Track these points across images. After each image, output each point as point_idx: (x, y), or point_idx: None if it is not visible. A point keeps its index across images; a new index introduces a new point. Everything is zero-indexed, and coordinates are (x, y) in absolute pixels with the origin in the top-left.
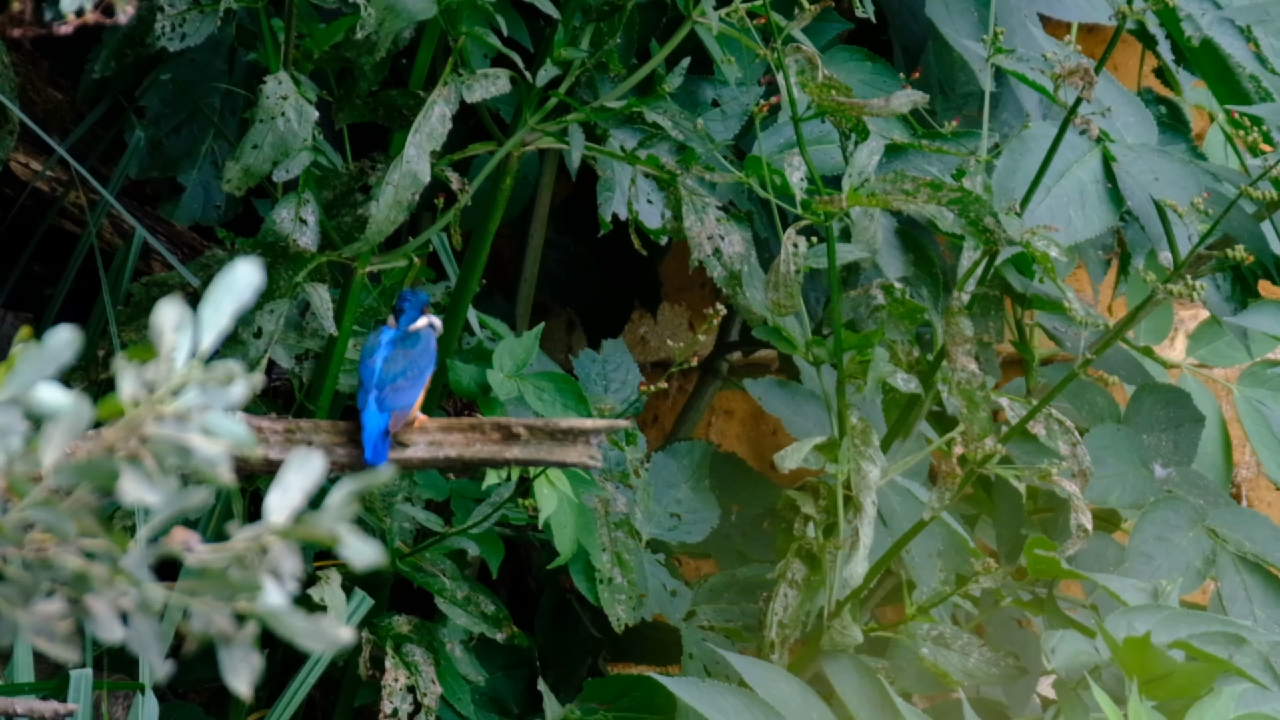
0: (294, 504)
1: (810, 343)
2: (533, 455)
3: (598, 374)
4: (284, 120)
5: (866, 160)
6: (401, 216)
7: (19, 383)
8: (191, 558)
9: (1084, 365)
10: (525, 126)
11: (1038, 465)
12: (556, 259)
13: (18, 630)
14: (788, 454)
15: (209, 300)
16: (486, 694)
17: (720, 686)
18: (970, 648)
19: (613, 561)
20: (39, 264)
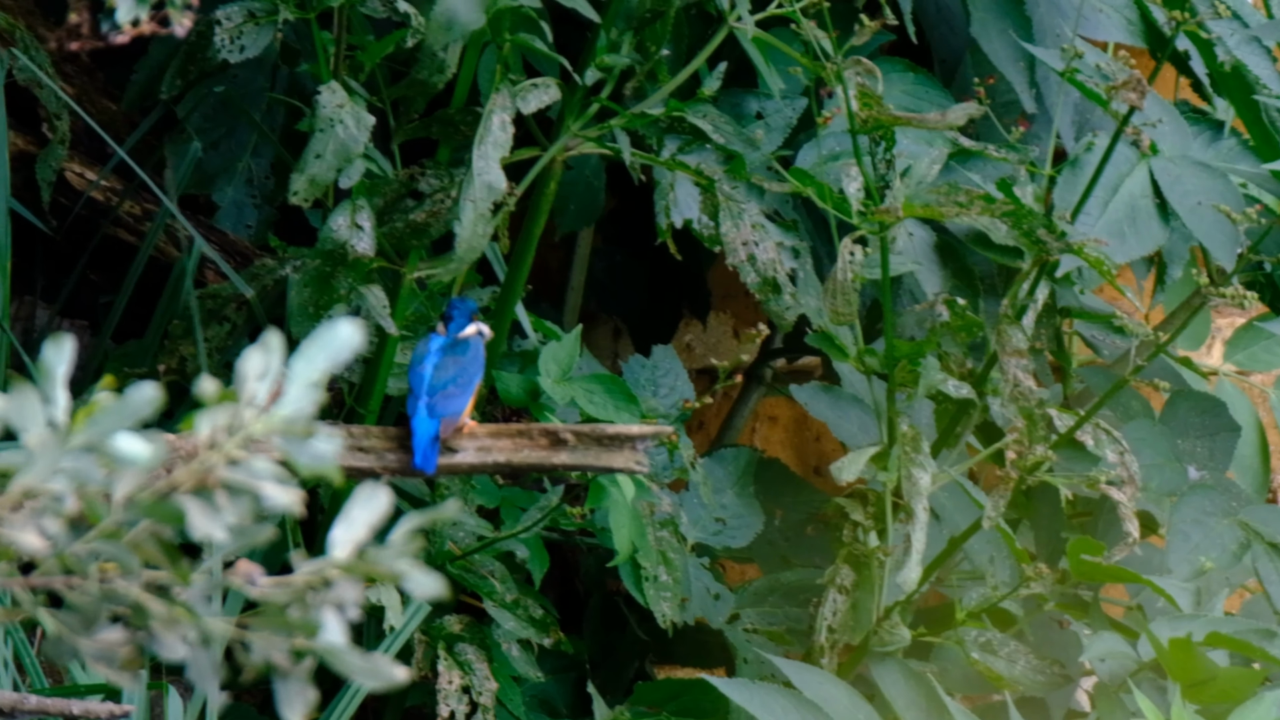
0: (358, 538)
1: (862, 351)
2: (580, 461)
3: (647, 379)
4: (343, 127)
5: (926, 170)
6: (487, 229)
7: (97, 431)
8: (254, 591)
9: (1134, 373)
10: (568, 132)
11: (1085, 473)
12: (603, 267)
13: (77, 654)
14: (844, 465)
15: (303, 352)
16: (536, 696)
17: (770, 688)
18: (1017, 655)
19: (658, 560)
20: (94, 272)
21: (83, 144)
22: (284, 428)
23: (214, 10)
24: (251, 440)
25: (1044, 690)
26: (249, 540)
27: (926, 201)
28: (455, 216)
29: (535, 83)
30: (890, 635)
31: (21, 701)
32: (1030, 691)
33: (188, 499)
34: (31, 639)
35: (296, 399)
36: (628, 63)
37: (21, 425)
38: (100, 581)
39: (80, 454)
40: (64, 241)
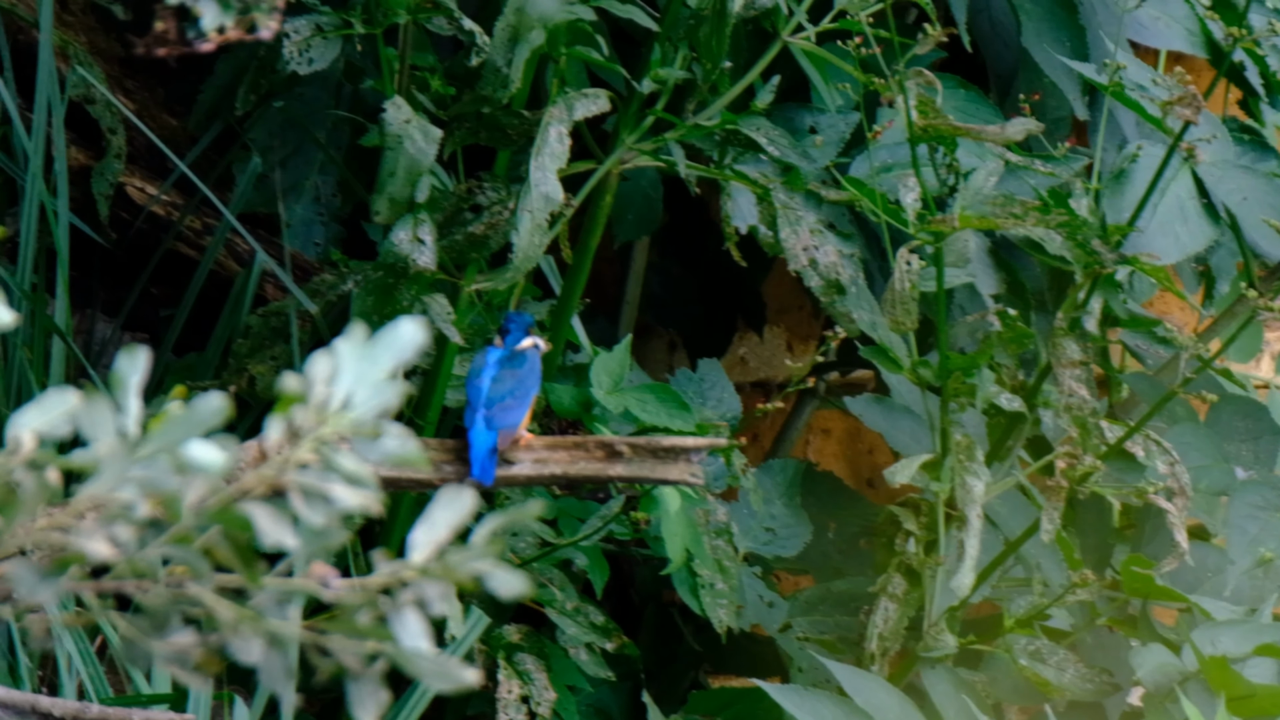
0: (440, 540)
1: (915, 363)
2: (635, 473)
3: (694, 392)
4: (411, 142)
5: (984, 182)
6: (543, 239)
7: (166, 440)
8: (328, 594)
9: (1183, 385)
10: (623, 145)
11: (1134, 483)
12: (659, 281)
13: (150, 658)
14: (897, 469)
15: (366, 353)
16: (592, 705)
17: (821, 695)
18: (1066, 663)
19: (714, 568)
20: (155, 286)
21: (144, 159)
22: (353, 429)
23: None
24: (322, 442)
25: (1093, 698)
26: (323, 543)
27: (983, 212)
28: (513, 227)
29: (585, 93)
30: (935, 641)
31: (83, 710)
32: (1079, 698)
33: (255, 505)
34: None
35: (365, 399)
36: (682, 75)
37: (92, 434)
38: (171, 585)
39: (151, 462)
40: (125, 255)
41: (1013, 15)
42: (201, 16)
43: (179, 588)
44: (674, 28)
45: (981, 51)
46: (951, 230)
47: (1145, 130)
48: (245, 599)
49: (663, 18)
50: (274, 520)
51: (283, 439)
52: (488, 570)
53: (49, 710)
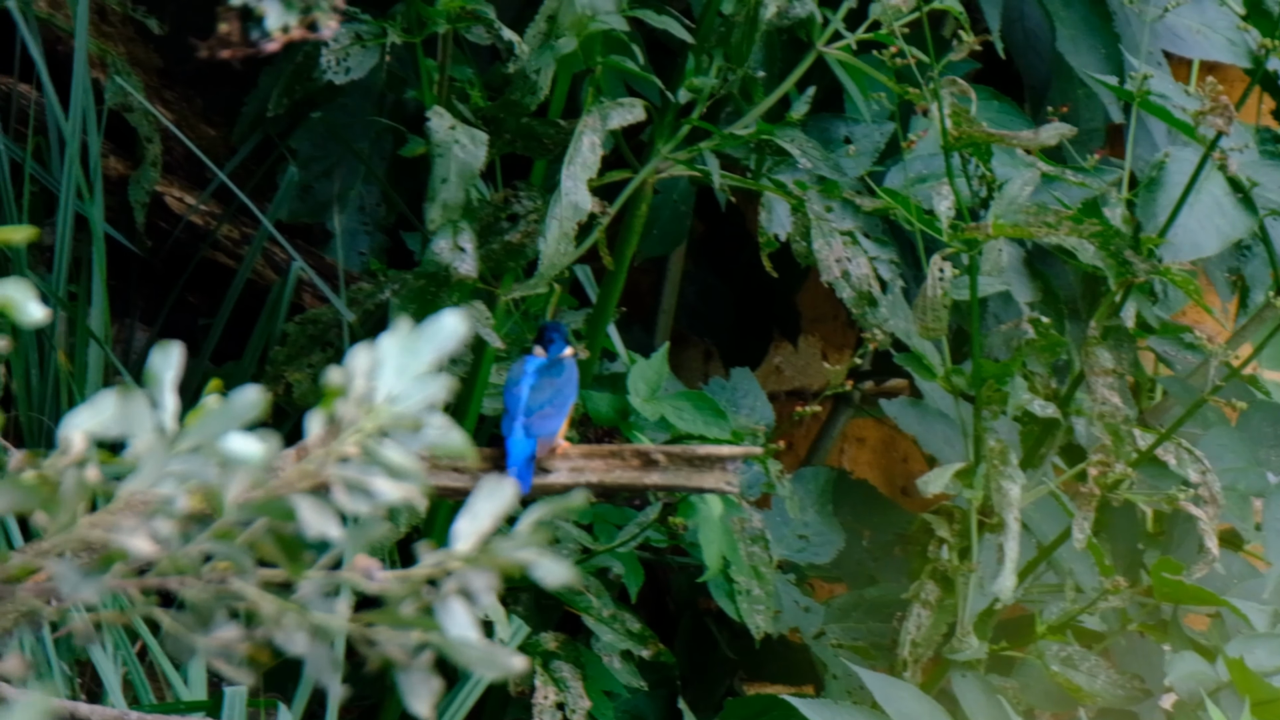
0: (483, 529)
1: (949, 370)
2: (671, 481)
3: (727, 401)
4: (460, 148)
5: (1019, 191)
6: (569, 247)
7: (204, 433)
8: (372, 585)
9: (1212, 393)
10: (658, 154)
11: (1166, 489)
12: (694, 291)
13: (195, 652)
14: (930, 479)
15: (407, 345)
16: (629, 712)
17: (850, 708)
18: (1098, 669)
19: (751, 575)
20: (193, 295)
21: (182, 169)
22: (395, 421)
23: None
24: (365, 435)
25: (1124, 704)
26: (367, 537)
27: (1017, 221)
28: (541, 234)
29: (621, 102)
30: (961, 644)
31: (122, 718)
32: (1111, 705)
33: (298, 497)
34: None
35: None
36: (716, 85)
37: (131, 431)
38: (215, 581)
39: (189, 457)
40: (163, 265)
41: (1047, 27)
42: (265, 16)
43: (222, 583)
44: (708, 37)
45: (1015, 63)
46: (986, 238)
47: (1178, 138)
48: (290, 592)
49: (698, 27)
50: (318, 511)
51: (325, 434)
52: (533, 559)
53: (88, 717)
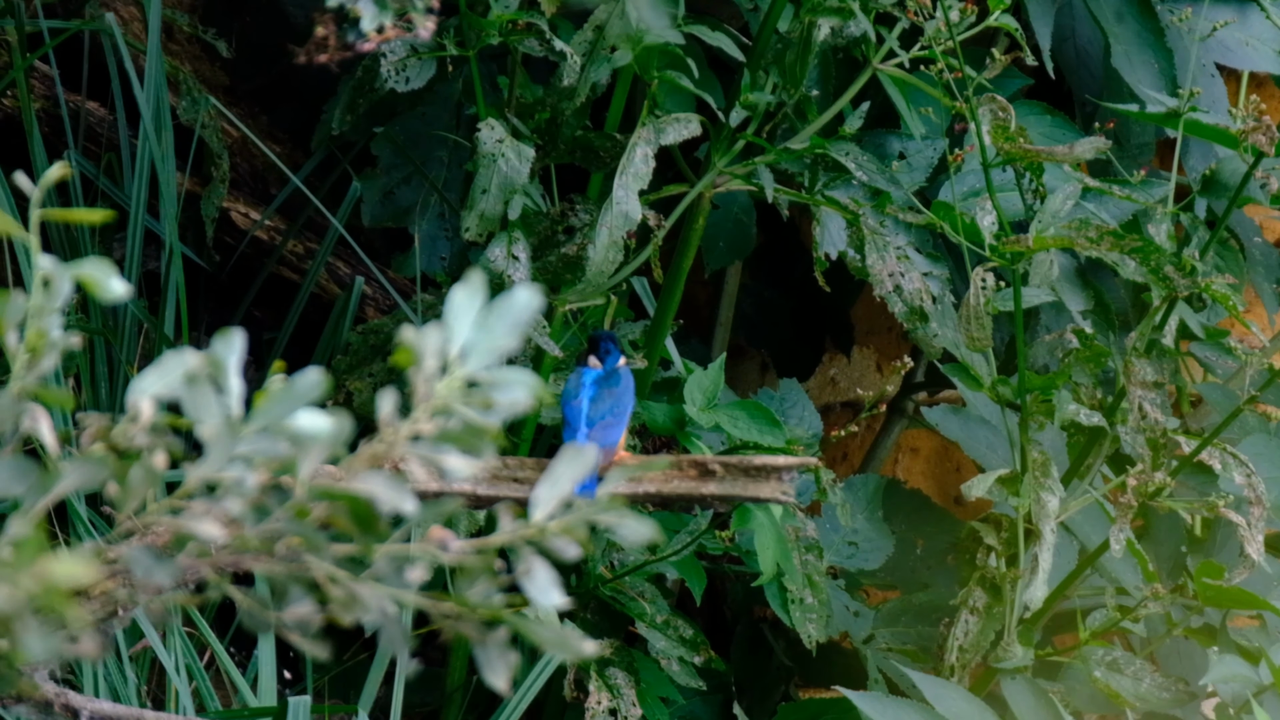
0: (563, 494)
1: (996, 381)
2: (728, 491)
3: (775, 411)
4: (504, 161)
5: (1060, 205)
6: (618, 256)
7: (272, 414)
8: (447, 557)
9: (1250, 402)
10: (715, 169)
11: (1206, 498)
12: (751, 303)
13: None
14: (974, 484)
15: (477, 321)
16: (685, 717)
17: (902, 703)
18: (1142, 673)
19: (804, 583)
20: (259, 309)
21: (247, 185)
22: (463, 398)
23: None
24: (435, 411)
25: (1169, 707)
26: (438, 513)
27: (1059, 235)
28: (590, 241)
29: (677, 117)
30: (1006, 653)
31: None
32: (1155, 709)
33: (373, 475)
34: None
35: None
36: (772, 101)
37: (197, 416)
38: (288, 558)
39: (257, 437)
40: (229, 279)
41: (1099, 44)
42: (361, 17)
43: (296, 560)
44: (764, 54)
45: (1067, 79)
46: (1028, 252)
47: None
48: (364, 565)
49: (754, 45)
50: (393, 488)
51: (393, 411)
52: (615, 520)
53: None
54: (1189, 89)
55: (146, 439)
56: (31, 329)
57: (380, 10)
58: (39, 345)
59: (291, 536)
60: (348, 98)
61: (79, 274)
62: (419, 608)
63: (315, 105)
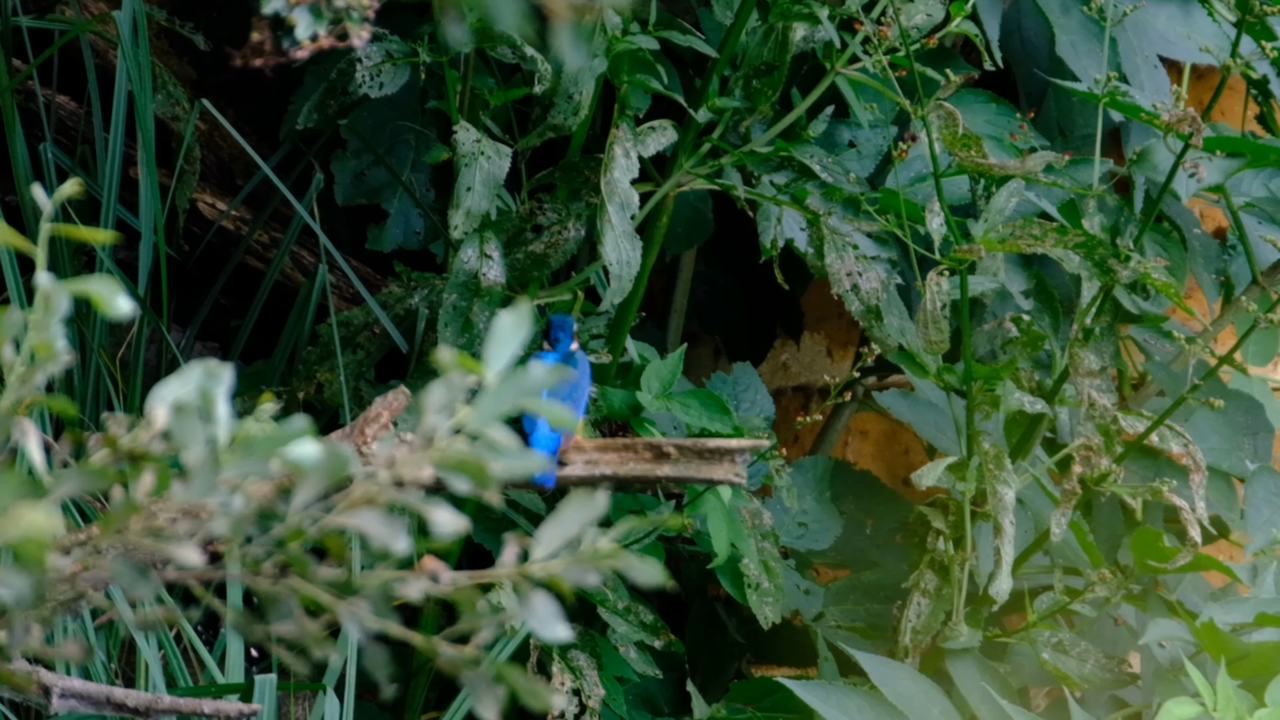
0: (569, 534)
1: (941, 369)
2: (682, 473)
3: (728, 395)
4: (486, 159)
5: (1005, 202)
6: (635, 244)
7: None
8: (437, 589)
9: (1192, 391)
10: (681, 169)
11: (1150, 481)
12: (705, 290)
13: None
14: (924, 473)
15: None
16: (639, 694)
17: (845, 689)
18: (1087, 654)
19: (761, 569)
20: (226, 298)
21: (214, 176)
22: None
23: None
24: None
25: (1111, 688)
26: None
27: (1004, 235)
28: (573, 248)
29: (653, 126)
30: (954, 632)
31: (155, 701)
32: (1101, 689)
33: (362, 515)
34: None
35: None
36: (739, 105)
37: (183, 442)
38: (276, 577)
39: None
40: (196, 268)
41: (1044, 37)
42: (296, 26)
43: (284, 579)
44: (730, 59)
45: (1013, 71)
46: (977, 258)
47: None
48: (349, 591)
49: (721, 48)
50: (385, 525)
51: (390, 456)
52: (623, 565)
53: (123, 701)
54: (1135, 77)
55: (161, 445)
56: (35, 340)
57: (315, 19)
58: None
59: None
60: (318, 98)
61: (86, 290)
62: (400, 638)
63: (280, 99)
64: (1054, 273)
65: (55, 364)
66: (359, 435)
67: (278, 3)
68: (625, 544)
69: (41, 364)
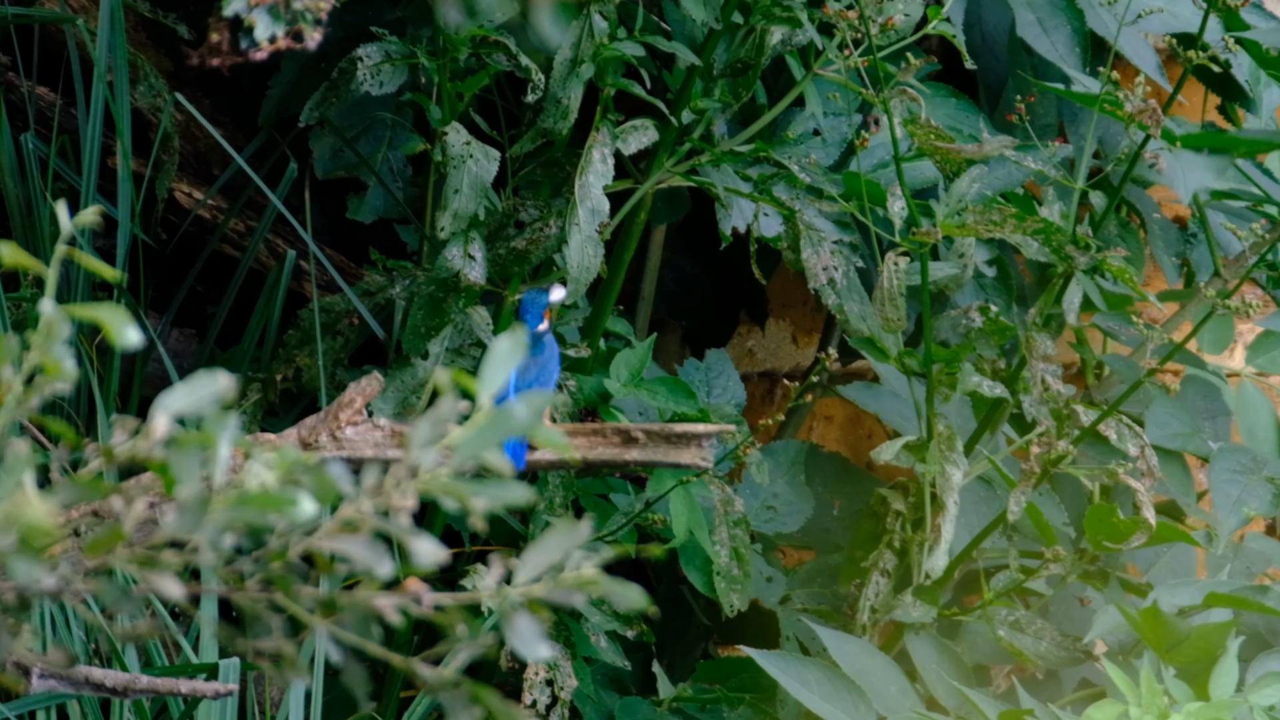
0: (553, 560)
1: (903, 354)
2: (650, 457)
3: (700, 381)
4: (474, 162)
5: (966, 188)
6: (598, 249)
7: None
8: (418, 610)
9: (1149, 375)
10: (661, 168)
11: (1106, 465)
12: (672, 278)
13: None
14: (883, 450)
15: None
16: (607, 675)
17: (805, 661)
18: (1043, 632)
19: (731, 556)
20: (202, 285)
21: (191, 166)
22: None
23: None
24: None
25: (1065, 665)
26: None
27: (964, 221)
28: (554, 245)
29: (635, 125)
30: (902, 605)
31: (133, 682)
32: (1055, 666)
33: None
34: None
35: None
36: (720, 106)
37: (179, 477)
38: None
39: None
40: (173, 256)
41: (1007, 25)
42: (255, 27)
43: (267, 596)
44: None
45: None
46: (936, 241)
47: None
48: (332, 609)
49: (702, 50)
50: (368, 550)
51: (374, 485)
52: (606, 590)
53: (101, 681)
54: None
55: (161, 454)
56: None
57: (274, 21)
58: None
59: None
60: (319, 96)
61: (95, 317)
62: (380, 659)
63: (256, 90)
64: (1014, 258)
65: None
66: (334, 420)
67: (238, 4)
68: (600, 535)
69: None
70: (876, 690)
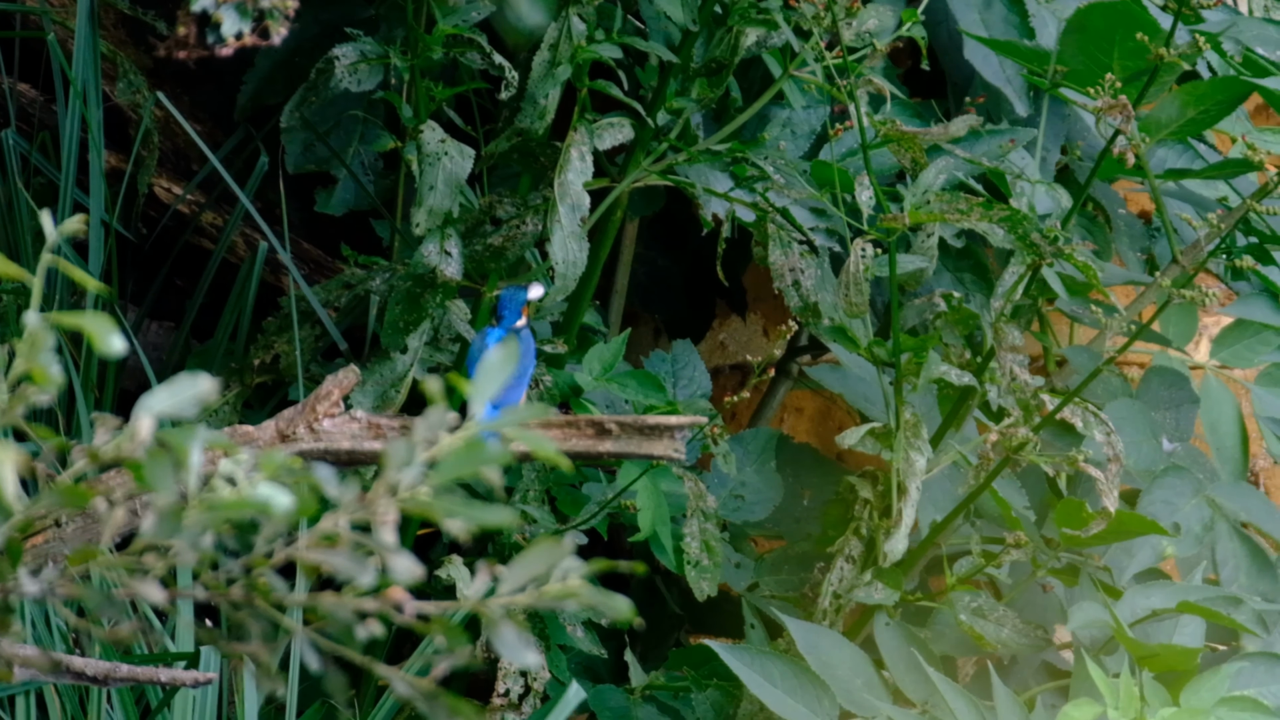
0: (535, 573)
1: (872, 343)
2: (623, 449)
3: (667, 373)
4: (449, 159)
5: (932, 179)
6: (582, 244)
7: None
8: (400, 618)
9: (1108, 363)
10: (638, 167)
11: (1068, 452)
12: (645, 271)
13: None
14: (848, 435)
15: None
16: (580, 663)
17: (769, 655)
18: (1005, 619)
19: (702, 548)
20: (179, 278)
21: (170, 161)
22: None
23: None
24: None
25: (1027, 651)
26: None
27: (931, 209)
28: (530, 242)
29: (611, 122)
30: (863, 586)
31: (113, 670)
32: (1017, 653)
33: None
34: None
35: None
36: (697, 107)
37: (154, 484)
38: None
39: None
40: (151, 249)
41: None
42: (222, 23)
43: (249, 600)
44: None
45: (940, 61)
46: (902, 228)
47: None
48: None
49: (679, 51)
50: (350, 560)
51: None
52: (596, 601)
53: (81, 670)
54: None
55: (144, 455)
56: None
57: (241, 17)
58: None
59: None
60: (299, 96)
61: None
62: (360, 665)
63: (236, 85)
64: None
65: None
66: (311, 413)
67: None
68: (574, 524)
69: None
70: (842, 684)
